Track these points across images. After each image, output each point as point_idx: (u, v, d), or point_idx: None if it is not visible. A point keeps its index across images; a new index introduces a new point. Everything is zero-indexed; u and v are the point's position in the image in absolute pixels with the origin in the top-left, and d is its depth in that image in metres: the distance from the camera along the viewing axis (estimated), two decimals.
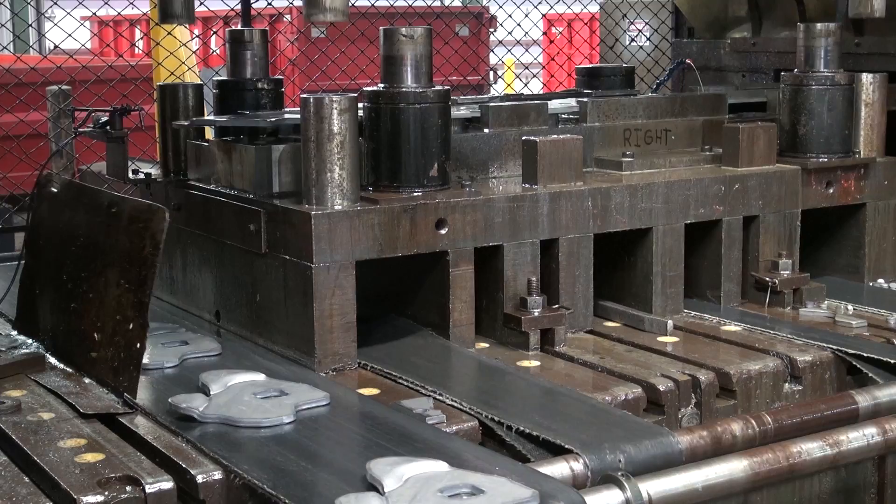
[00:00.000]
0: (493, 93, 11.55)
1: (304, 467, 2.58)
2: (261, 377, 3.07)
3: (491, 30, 14.93)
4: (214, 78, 4.36)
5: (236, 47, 4.21)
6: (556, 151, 3.67)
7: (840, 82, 4.18)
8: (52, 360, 3.33)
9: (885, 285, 4.25)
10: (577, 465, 2.65)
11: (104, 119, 3.97)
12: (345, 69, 8.16)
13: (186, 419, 2.83)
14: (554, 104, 4.19)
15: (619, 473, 2.54)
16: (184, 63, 7.95)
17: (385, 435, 2.77)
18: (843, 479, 3.23)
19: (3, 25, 7.91)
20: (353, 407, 3.00)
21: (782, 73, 4.33)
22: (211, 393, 2.94)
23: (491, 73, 13.94)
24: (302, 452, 2.66)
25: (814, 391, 3.41)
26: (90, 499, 2.45)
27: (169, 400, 2.88)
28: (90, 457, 2.64)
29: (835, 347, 3.48)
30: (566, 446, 2.71)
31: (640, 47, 8.11)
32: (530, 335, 3.50)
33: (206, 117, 4.14)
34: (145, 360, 3.15)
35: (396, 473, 2.46)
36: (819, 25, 4.21)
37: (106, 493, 2.47)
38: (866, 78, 4.27)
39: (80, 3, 7.14)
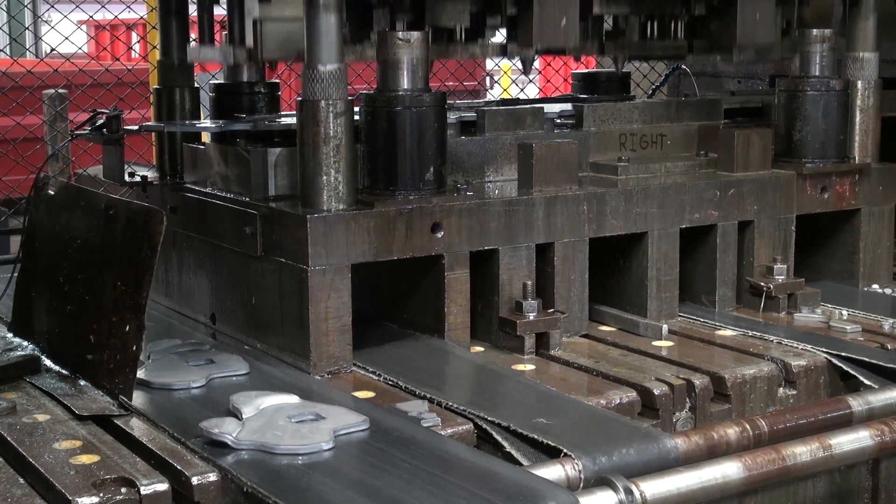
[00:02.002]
0: (489, 98, 11.56)
1: (349, 497, 2.48)
2: (294, 399, 2.93)
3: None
4: (211, 81, 4.37)
5: None
6: (552, 156, 3.68)
7: (835, 88, 4.19)
8: (48, 362, 3.33)
9: (880, 290, 4.26)
10: (571, 468, 2.66)
11: (100, 122, 3.98)
12: None
13: (218, 445, 2.69)
14: (550, 108, 4.20)
15: (614, 475, 2.54)
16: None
17: (430, 461, 2.63)
18: (838, 483, 3.23)
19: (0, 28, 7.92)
20: (393, 431, 2.82)
21: (777, 79, 4.34)
22: (243, 417, 2.81)
23: (487, 78, 13.94)
24: (345, 481, 2.55)
25: (808, 396, 3.42)
26: (85, 500, 2.44)
27: (200, 425, 2.73)
28: (85, 458, 2.64)
29: (829, 352, 3.49)
30: (560, 449, 2.71)
31: None
32: (525, 339, 3.51)
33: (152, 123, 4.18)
34: (170, 379, 3.12)
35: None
36: (814, 31, 4.22)
37: (101, 495, 2.47)
38: (861, 84, 4.29)
39: (77, 7, 7.14)
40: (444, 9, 3.82)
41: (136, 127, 4.00)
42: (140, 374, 3.10)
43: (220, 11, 4.08)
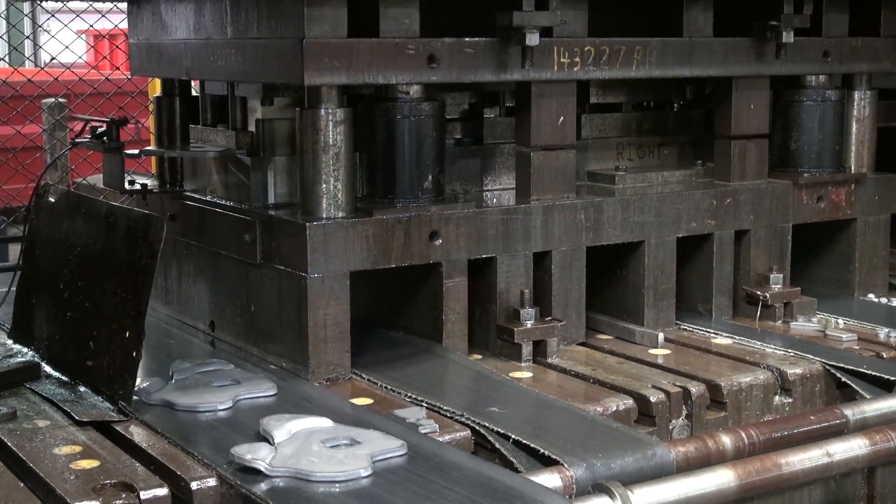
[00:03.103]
0: None
1: None
2: (327, 423, 2.80)
3: None
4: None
5: None
6: (550, 165, 3.70)
7: (831, 98, 4.22)
8: (48, 368, 3.35)
9: (876, 299, 4.28)
10: (568, 475, 2.67)
11: (101, 130, 4.00)
12: None
13: (251, 472, 2.57)
14: None
15: (610, 482, 2.56)
16: None
17: (476, 488, 2.54)
18: (833, 491, 3.25)
19: (0, 37, 7.94)
20: (433, 457, 2.72)
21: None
22: (275, 442, 2.69)
23: None
24: None
25: (804, 404, 3.44)
26: None
27: (231, 451, 2.62)
28: (85, 463, 2.66)
29: (825, 361, 3.51)
30: (556, 457, 2.73)
31: None
32: (523, 347, 3.53)
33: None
34: (195, 401, 3.03)
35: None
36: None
37: (101, 500, 2.49)
38: (857, 94, 4.31)
39: (77, 16, 7.17)
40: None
41: (136, 151, 4.01)
42: (164, 395, 3.06)
43: None
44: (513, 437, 2.85)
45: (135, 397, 3.04)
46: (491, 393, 3.26)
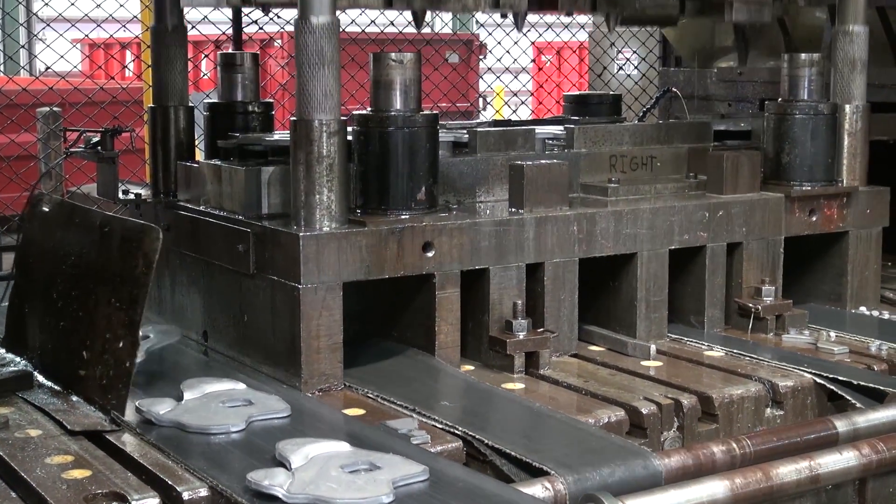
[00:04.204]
0: (482, 119, 11.60)
1: None
2: (345, 447, 2.71)
3: (480, 57, 15.02)
4: (205, 100, 4.40)
5: (227, 70, 4.26)
6: (543, 176, 3.71)
7: (823, 111, 4.23)
8: (41, 377, 3.35)
9: (867, 312, 4.29)
10: (559, 486, 2.68)
11: (95, 140, 4.00)
12: None
13: (268, 498, 2.50)
14: (541, 130, 4.24)
15: (601, 493, 2.56)
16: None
17: None
18: (825, 502, 3.25)
19: None
20: (456, 482, 2.65)
21: (766, 102, 4.38)
22: (292, 467, 2.61)
23: (480, 99, 14.00)
24: None
25: (795, 416, 3.45)
26: None
27: (248, 477, 2.55)
28: (77, 473, 2.66)
29: (816, 373, 3.52)
30: (547, 468, 2.73)
31: (628, 76, 8.17)
32: (515, 358, 3.53)
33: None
34: (207, 422, 2.93)
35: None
36: (803, 56, 4.26)
37: None
38: (849, 108, 4.33)
39: (73, 26, 7.18)
40: None
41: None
42: (175, 416, 2.96)
43: None
44: (504, 448, 2.85)
45: (145, 417, 2.97)
46: (483, 404, 3.27)
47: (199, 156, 4.21)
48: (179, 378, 3.26)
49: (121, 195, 4.09)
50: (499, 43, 8.57)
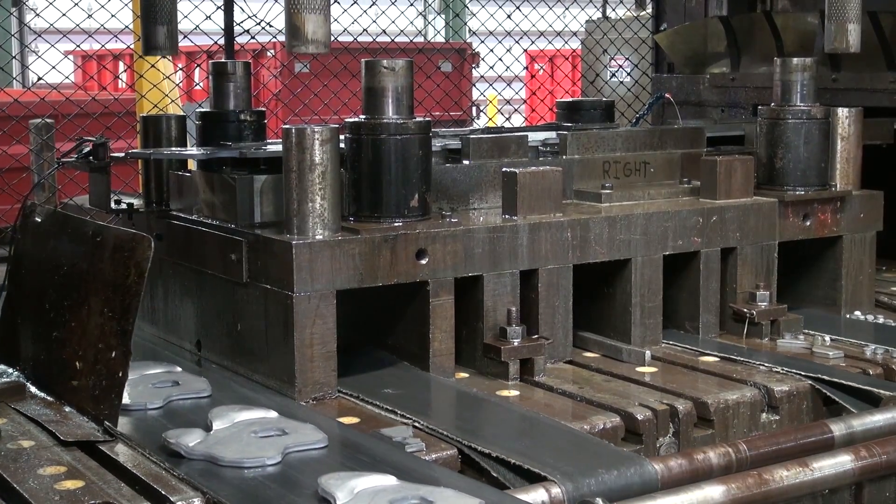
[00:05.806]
0: (475, 127, 11.61)
1: None
2: (392, 480, 2.58)
3: (473, 65, 15.03)
4: (198, 109, 4.39)
5: (219, 79, 4.25)
6: (536, 183, 3.71)
7: (816, 116, 4.23)
8: (33, 388, 3.33)
9: (862, 317, 4.29)
10: (555, 492, 2.67)
11: (87, 150, 3.99)
12: (327, 102, 8.20)
13: None
14: (534, 136, 4.23)
15: (596, 499, 2.55)
16: (167, 95, 7.98)
17: None
18: None
19: None
20: None
21: (759, 107, 4.38)
22: (338, 503, 2.48)
23: (473, 107, 14.02)
24: None
25: (791, 421, 3.44)
26: None
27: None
28: (70, 484, 2.65)
29: (811, 377, 3.51)
30: (543, 474, 2.73)
31: (621, 82, 8.19)
32: (510, 365, 3.53)
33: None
34: (241, 455, 2.76)
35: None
36: (795, 60, 4.26)
37: None
38: (842, 112, 4.33)
39: (64, 37, 7.17)
40: None
41: (122, 154, 4.01)
42: (207, 448, 2.79)
43: None
44: (499, 455, 2.84)
45: (173, 449, 2.81)
46: (477, 411, 3.26)
47: (192, 165, 4.20)
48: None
49: (113, 205, 4.07)
50: (491, 51, 8.56)
